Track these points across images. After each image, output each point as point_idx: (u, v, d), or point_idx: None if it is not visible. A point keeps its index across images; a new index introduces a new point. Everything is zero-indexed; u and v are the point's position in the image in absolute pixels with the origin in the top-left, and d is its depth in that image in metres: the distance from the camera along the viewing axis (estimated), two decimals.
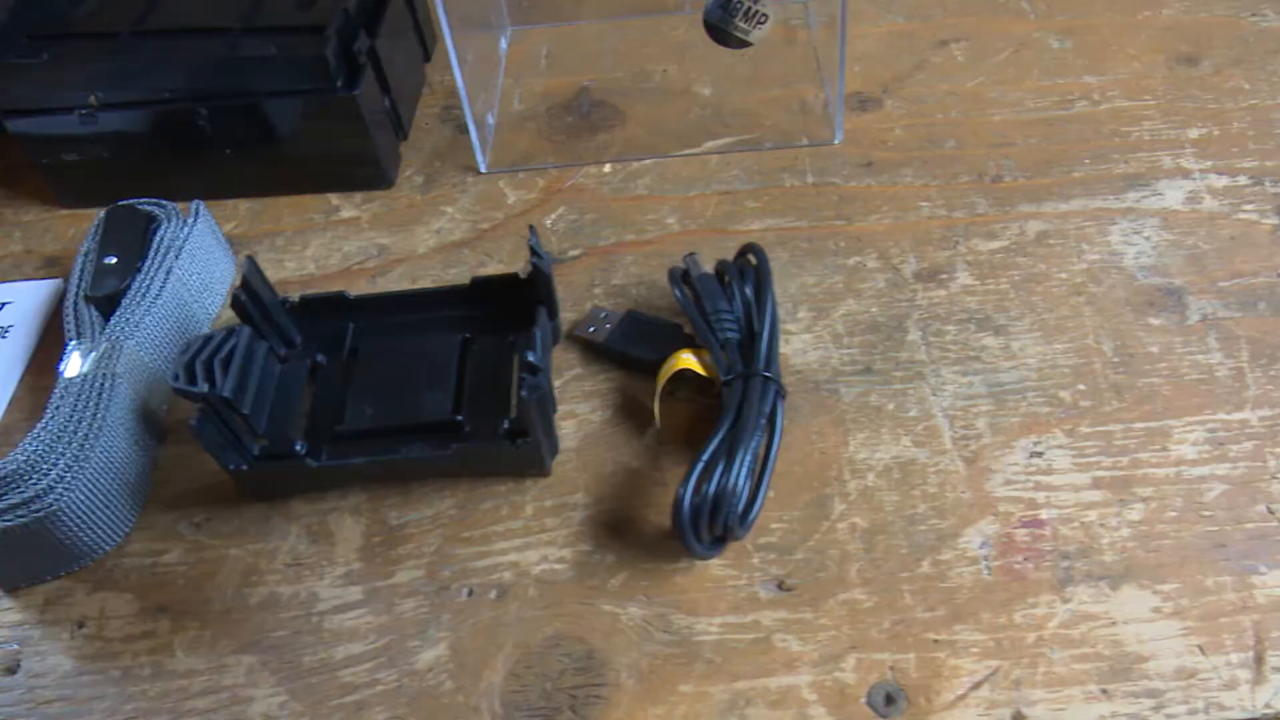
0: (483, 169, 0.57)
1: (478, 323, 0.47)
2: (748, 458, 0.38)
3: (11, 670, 0.40)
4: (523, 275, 0.46)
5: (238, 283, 0.44)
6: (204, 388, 0.41)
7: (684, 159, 0.56)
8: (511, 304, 0.46)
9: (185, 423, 0.41)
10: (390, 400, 0.44)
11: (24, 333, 0.51)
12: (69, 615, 0.41)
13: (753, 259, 0.45)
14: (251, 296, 0.44)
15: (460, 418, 0.43)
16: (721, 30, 0.50)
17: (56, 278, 0.54)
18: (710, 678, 0.37)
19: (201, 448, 0.41)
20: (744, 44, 0.50)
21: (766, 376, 0.41)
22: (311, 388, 0.46)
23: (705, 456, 0.38)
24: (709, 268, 0.46)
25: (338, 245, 0.54)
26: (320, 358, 0.46)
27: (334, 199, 0.56)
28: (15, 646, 0.40)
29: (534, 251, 0.44)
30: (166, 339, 0.47)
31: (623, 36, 0.64)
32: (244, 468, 0.41)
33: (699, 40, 0.63)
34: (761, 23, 0.49)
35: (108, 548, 0.42)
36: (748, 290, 0.44)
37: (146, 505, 0.44)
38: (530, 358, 0.39)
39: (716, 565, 0.39)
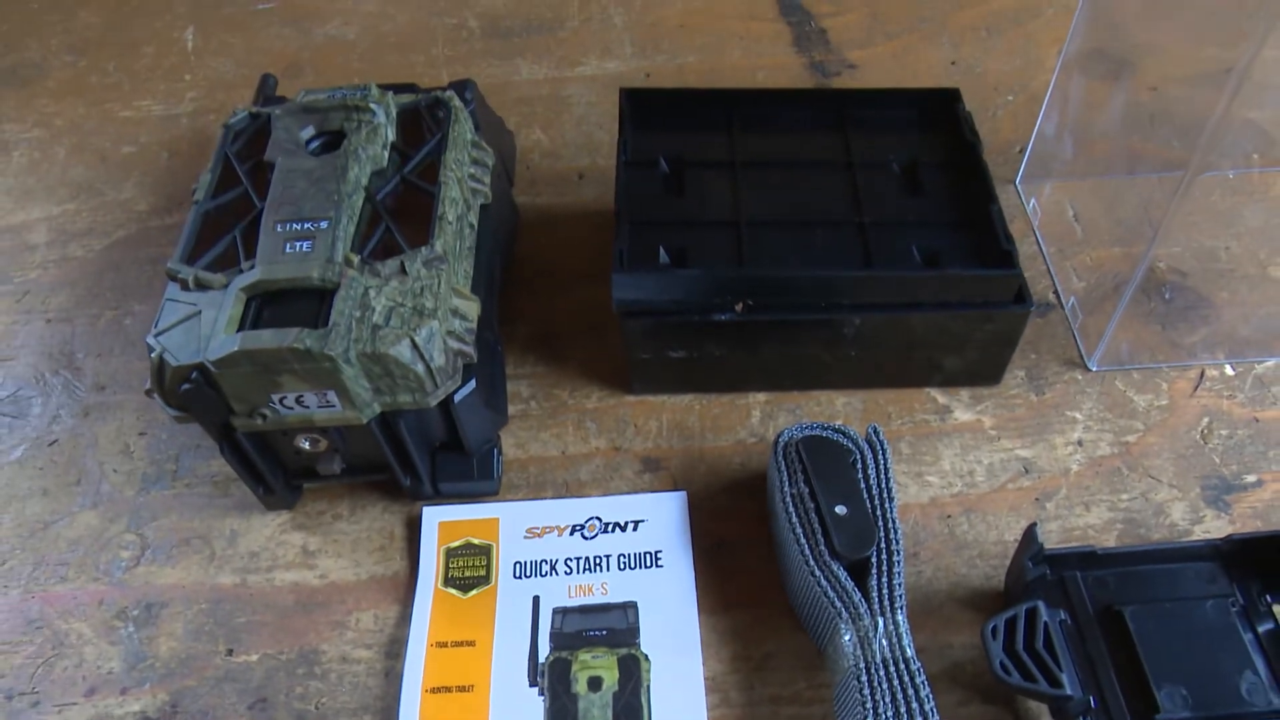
0: (1093, 367, 0.54)
1: (1226, 579, 0.45)
2: None
3: None
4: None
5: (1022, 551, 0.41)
6: (1060, 690, 0.39)
7: None
8: (1265, 558, 0.44)
9: None
10: (1197, 683, 0.41)
11: (678, 561, 0.48)
12: None
13: None
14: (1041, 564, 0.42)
15: None
16: None
17: (670, 490, 0.50)
18: None
19: None
20: None
21: None
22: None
23: None
24: None
25: (974, 457, 0.51)
26: (1063, 615, 0.44)
27: (939, 396, 0.53)
28: None
29: None
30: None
31: (1133, 194, 0.62)
32: None
33: (1234, 205, 0.62)
34: None
35: None
36: None
37: None
38: None
39: None
